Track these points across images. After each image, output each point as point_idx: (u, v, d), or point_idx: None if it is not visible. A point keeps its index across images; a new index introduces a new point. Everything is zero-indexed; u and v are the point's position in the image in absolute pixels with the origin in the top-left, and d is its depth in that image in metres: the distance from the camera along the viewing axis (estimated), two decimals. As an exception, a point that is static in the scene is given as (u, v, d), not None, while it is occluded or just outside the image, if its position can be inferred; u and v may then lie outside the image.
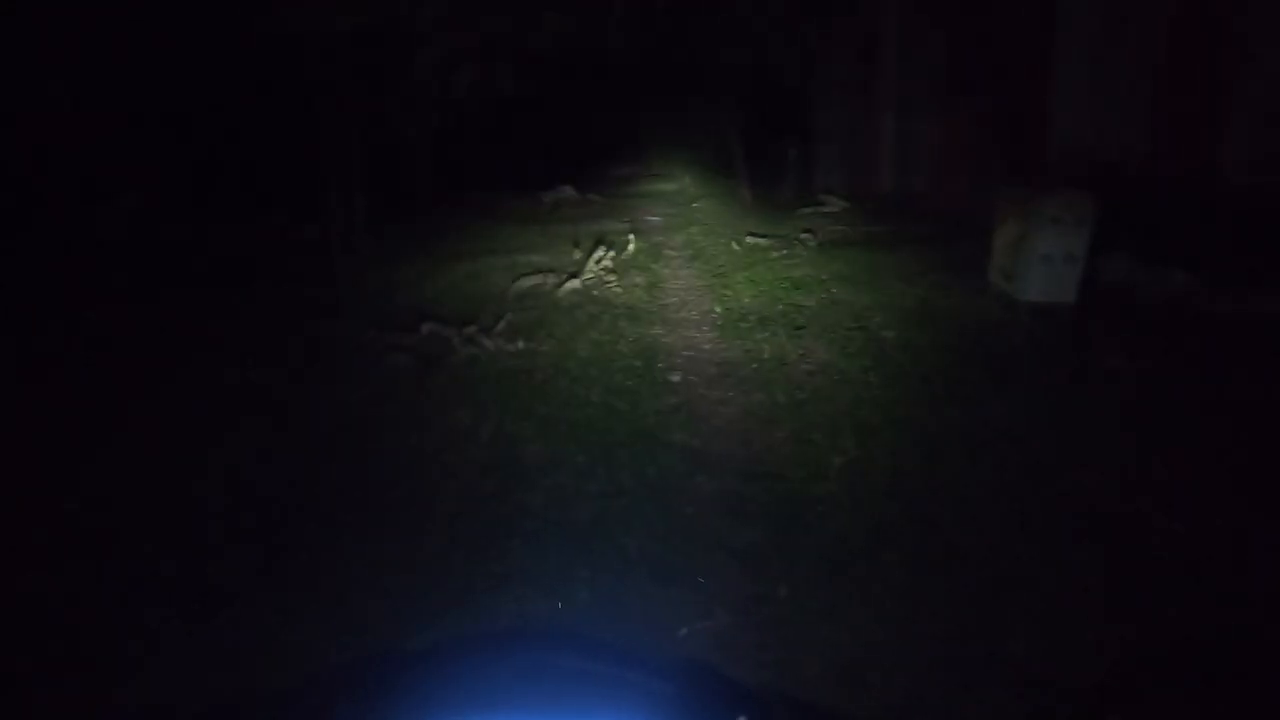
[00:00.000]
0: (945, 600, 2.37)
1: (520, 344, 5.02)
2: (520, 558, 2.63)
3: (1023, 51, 7.32)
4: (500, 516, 2.91)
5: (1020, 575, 2.47)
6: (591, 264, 7.18)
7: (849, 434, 3.50)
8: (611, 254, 7.61)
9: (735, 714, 0.59)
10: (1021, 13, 7.36)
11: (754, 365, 4.55)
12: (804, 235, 8.45)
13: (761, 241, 8.21)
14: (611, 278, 6.89)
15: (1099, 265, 5.28)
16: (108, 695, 2.07)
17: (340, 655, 2.16)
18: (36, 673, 2.16)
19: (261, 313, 6.08)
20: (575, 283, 6.62)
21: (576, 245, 8.33)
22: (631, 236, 8.64)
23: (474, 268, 7.47)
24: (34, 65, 9.59)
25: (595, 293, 6.42)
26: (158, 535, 2.86)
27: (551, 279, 6.77)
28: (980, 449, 3.33)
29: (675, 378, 4.41)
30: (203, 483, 3.27)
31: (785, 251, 7.72)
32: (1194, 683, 2.00)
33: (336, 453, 3.54)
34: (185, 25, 9.67)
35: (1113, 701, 1.93)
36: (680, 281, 6.91)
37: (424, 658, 0.67)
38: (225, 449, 3.60)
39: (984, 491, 2.99)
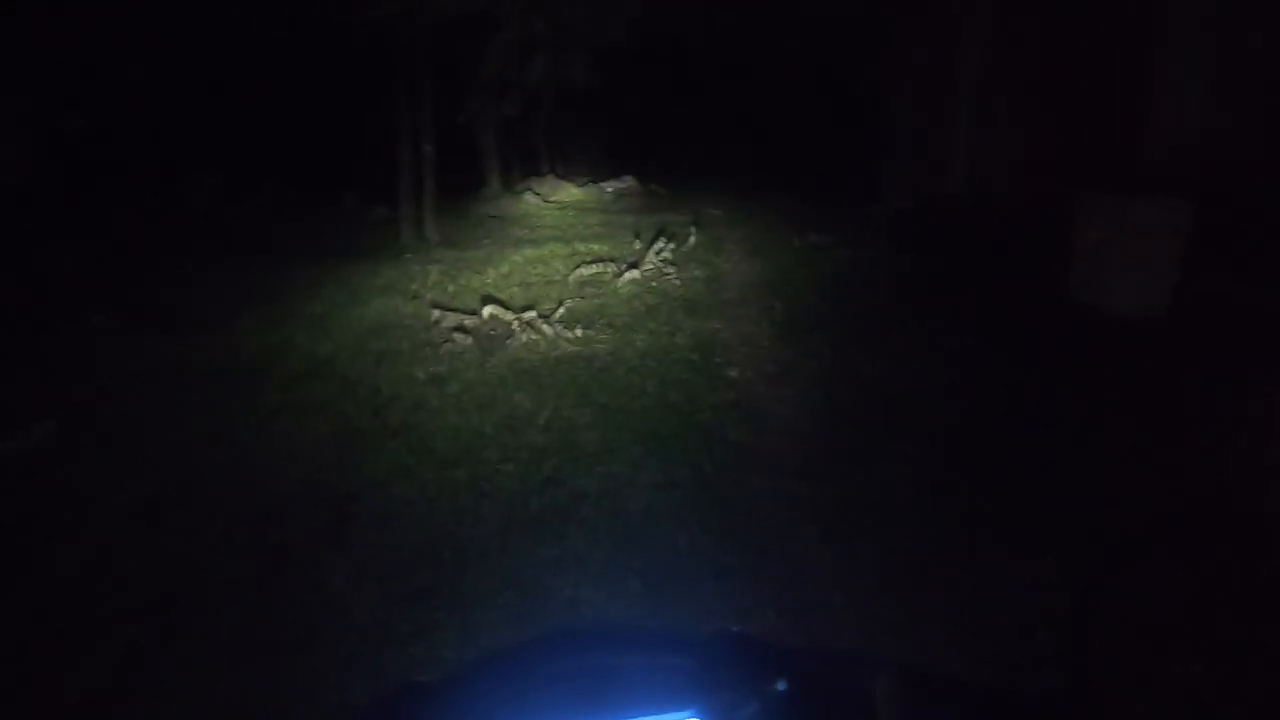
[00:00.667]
0: (1019, 629, 2.29)
1: (579, 331, 5.06)
2: (575, 543, 2.66)
3: (1120, 47, 6.91)
4: (556, 501, 2.95)
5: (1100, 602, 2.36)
6: (651, 255, 7.18)
7: (913, 442, 3.40)
8: (672, 246, 7.59)
9: (774, 681, 0.58)
10: (1121, 5, 6.95)
11: (814, 364, 4.47)
12: (870, 234, 8.25)
13: (825, 239, 8.05)
14: (671, 269, 6.88)
15: (1193, 277, 4.97)
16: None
17: (396, 615, 2.25)
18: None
19: (330, 288, 6.31)
20: (635, 273, 6.63)
21: (637, 236, 8.34)
22: (692, 229, 8.60)
23: (536, 254, 7.57)
24: (136, 55, 10.16)
25: (654, 284, 6.42)
26: (229, 500, 3.02)
27: (611, 268, 6.80)
28: (1049, 462, 3.19)
29: (733, 373, 4.38)
30: (264, 452, 3.43)
31: (849, 251, 7.54)
32: None
33: (399, 429, 3.64)
34: (272, 13, 10.06)
35: None
36: (740, 276, 6.84)
37: (453, 682, 0.67)
38: (290, 419, 3.75)
39: (1053, 506, 2.87)
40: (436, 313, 5.40)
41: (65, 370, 4.48)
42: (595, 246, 7.91)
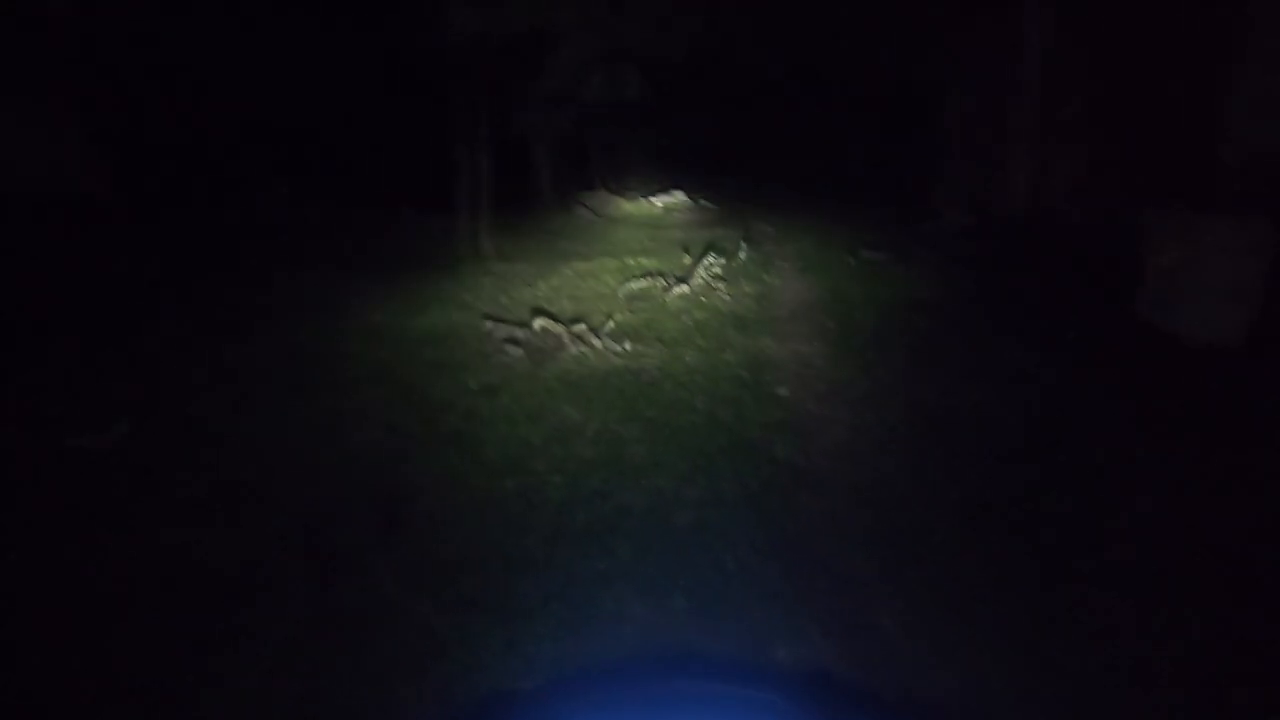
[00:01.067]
0: (1088, 666, 2.18)
1: (627, 345, 5.08)
2: (621, 556, 2.66)
3: (1194, 55, 6.61)
4: (603, 514, 2.95)
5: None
6: (701, 270, 7.18)
7: (972, 468, 3.29)
8: (722, 261, 7.58)
9: None
10: (1196, 11, 6.65)
11: (867, 384, 4.38)
12: (926, 252, 8.07)
13: (880, 256, 7.90)
14: (721, 285, 6.86)
15: (1274, 301, 4.68)
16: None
17: (442, 622, 2.27)
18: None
19: (387, 297, 6.50)
20: (684, 288, 6.64)
21: (687, 250, 8.36)
22: (743, 244, 8.58)
23: (586, 267, 7.65)
24: (210, 69, 10.77)
25: (704, 299, 6.41)
26: (287, 499, 3.12)
27: (661, 283, 6.82)
28: (1117, 496, 3.04)
29: (783, 391, 4.32)
30: (320, 454, 3.53)
31: (905, 268, 7.39)
32: None
33: (451, 437, 3.72)
34: (339, 32, 10.53)
35: None
36: (792, 293, 6.77)
37: (545, 694, 0.67)
38: (346, 423, 3.87)
39: (1119, 543, 2.73)
40: (489, 324, 5.51)
41: (139, 371, 4.72)
42: (645, 261, 7.95)
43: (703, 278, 6.99)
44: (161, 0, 9.89)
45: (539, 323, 5.41)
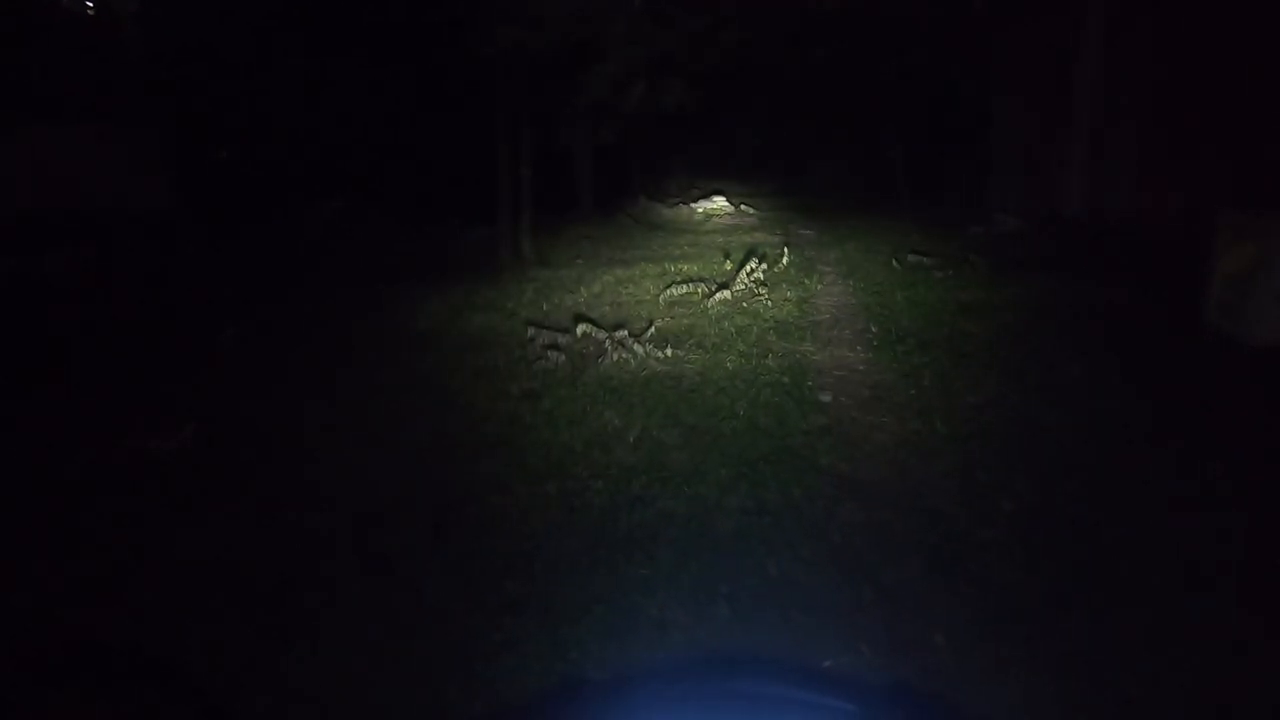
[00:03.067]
0: (1146, 685, 2.09)
1: (669, 351, 5.08)
2: (663, 564, 2.65)
3: (1262, 48, 6.30)
4: (645, 520, 2.95)
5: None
6: (742, 275, 7.14)
7: (1022, 478, 3.19)
8: (763, 266, 7.53)
9: None
10: (1261, 8, 6.35)
11: (912, 391, 4.28)
12: (973, 256, 7.87)
13: (924, 260, 7.74)
14: (762, 290, 6.81)
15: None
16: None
17: (488, 625, 2.30)
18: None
19: (433, 305, 6.64)
20: (725, 293, 6.61)
21: (727, 256, 8.33)
22: (785, 249, 8.51)
23: (627, 274, 7.69)
24: (268, 94, 11.23)
25: (745, 305, 6.37)
26: (338, 502, 3.21)
27: (702, 288, 6.81)
28: (1178, 515, 2.90)
29: (825, 397, 4.26)
30: (370, 459, 3.62)
31: (951, 272, 7.22)
32: None
33: (495, 441, 3.77)
34: (386, 53, 10.86)
35: None
36: (834, 298, 6.68)
37: (616, 689, 0.68)
38: (394, 429, 3.96)
39: (1186, 547, 2.60)
40: (531, 330, 5.58)
41: (203, 378, 4.93)
42: (685, 267, 7.95)
43: (744, 283, 6.96)
44: (222, 31, 10.37)
45: (580, 328, 5.46)
